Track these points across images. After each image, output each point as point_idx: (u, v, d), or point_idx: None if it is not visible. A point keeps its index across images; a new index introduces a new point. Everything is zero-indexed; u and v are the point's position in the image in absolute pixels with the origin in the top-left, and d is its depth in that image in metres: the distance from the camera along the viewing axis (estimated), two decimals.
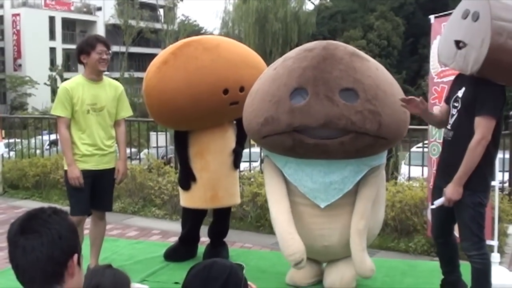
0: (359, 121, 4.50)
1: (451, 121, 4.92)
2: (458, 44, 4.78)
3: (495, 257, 6.21)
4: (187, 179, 6.24)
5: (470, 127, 4.67)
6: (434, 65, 6.73)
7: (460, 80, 4.99)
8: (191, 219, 6.55)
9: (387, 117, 4.58)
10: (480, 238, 4.88)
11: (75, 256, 2.33)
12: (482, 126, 4.60)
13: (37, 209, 2.37)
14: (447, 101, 5.12)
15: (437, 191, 5.05)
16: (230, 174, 6.27)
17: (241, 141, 6.37)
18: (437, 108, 6.43)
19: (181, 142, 6.28)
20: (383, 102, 4.58)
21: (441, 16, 6.80)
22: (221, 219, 6.61)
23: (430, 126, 6.49)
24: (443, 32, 5.35)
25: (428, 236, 6.94)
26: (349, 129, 4.52)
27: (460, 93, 4.87)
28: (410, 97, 4.79)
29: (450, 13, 6.58)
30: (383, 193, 5.36)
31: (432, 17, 6.87)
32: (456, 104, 4.90)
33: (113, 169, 6.08)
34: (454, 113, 4.90)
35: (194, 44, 6.03)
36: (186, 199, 6.36)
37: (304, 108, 4.56)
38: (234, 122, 6.37)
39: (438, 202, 4.79)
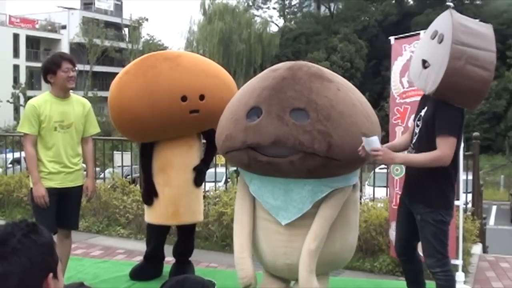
0: (307, 141, 4.49)
1: (414, 139, 5.03)
2: (424, 64, 4.89)
3: (459, 276, 6.29)
4: (149, 194, 6.21)
5: (429, 146, 4.76)
6: (395, 86, 6.83)
7: (424, 99, 5.09)
8: (155, 235, 6.52)
9: (339, 138, 4.53)
10: (444, 255, 4.97)
11: (50, 275, 2.20)
12: (442, 145, 4.68)
13: (6, 232, 2.19)
14: (414, 119, 5.23)
15: (402, 206, 5.26)
16: (193, 191, 6.21)
17: (207, 159, 6.36)
18: (400, 128, 6.53)
19: (146, 156, 6.24)
20: (337, 122, 4.55)
21: (401, 37, 6.92)
22: (185, 237, 6.57)
23: None
24: (415, 51, 5.43)
25: (391, 255, 7.01)
26: (297, 148, 4.53)
27: (423, 113, 4.98)
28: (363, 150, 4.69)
29: (411, 35, 6.75)
30: (355, 218, 5.23)
31: (392, 38, 6.99)
32: (419, 123, 5.01)
33: (80, 187, 6.05)
34: (417, 131, 5.01)
35: (155, 55, 6.11)
36: (149, 215, 6.34)
37: (256, 126, 4.61)
38: (204, 141, 6.40)
39: (372, 139, 4.62)
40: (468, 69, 4.60)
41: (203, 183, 6.66)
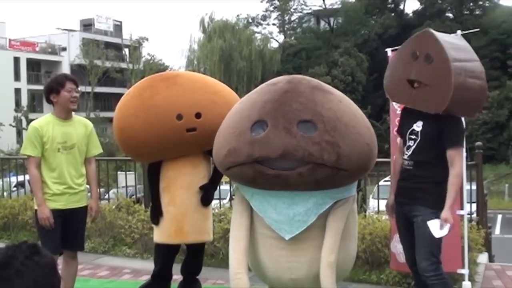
0: (316, 152, 4.52)
1: (409, 152, 5.30)
2: (413, 84, 5.07)
3: (466, 285, 6.29)
4: (155, 213, 6.20)
5: (429, 157, 5.16)
6: None
7: (413, 114, 5.31)
8: (162, 255, 6.47)
9: (346, 148, 4.59)
10: (437, 259, 5.13)
11: None
12: (457, 159, 5.05)
13: (9, 255, 2.21)
14: (401, 132, 5.54)
15: (401, 216, 5.45)
16: (198, 210, 6.13)
17: (215, 179, 6.29)
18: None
19: (153, 176, 6.22)
20: (343, 133, 4.61)
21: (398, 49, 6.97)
22: (194, 256, 6.55)
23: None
24: (390, 72, 5.57)
25: (393, 268, 7.01)
26: (306, 160, 4.55)
27: (416, 127, 5.24)
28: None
29: None
30: (354, 228, 5.31)
31: (389, 50, 7.03)
32: (412, 137, 5.26)
33: (84, 207, 6.07)
34: (411, 144, 5.28)
35: (154, 76, 6.16)
36: (156, 234, 6.31)
37: (263, 139, 4.61)
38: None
39: (435, 225, 5.03)
40: (469, 81, 4.94)
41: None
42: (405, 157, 5.32)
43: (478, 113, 5.59)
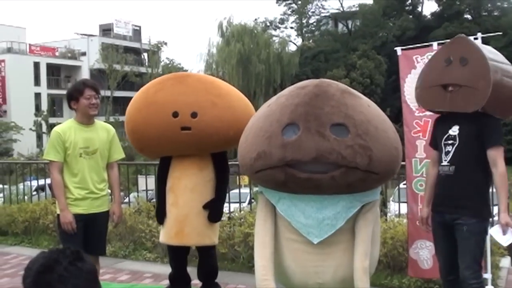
0: (349, 155, 4.52)
1: (448, 157, 5.24)
2: (447, 88, 5.13)
3: None
4: (159, 213, 6.24)
5: (471, 161, 5.13)
6: (412, 99, 6.79)
7: (447, 121, 5.33)
8: (172, 256, 6.49)
9: (378, 152, 4.60)
10: (480, 266, 5.17)
11: None
12: (499, 157, 5.05)
13: (53, 259, 2.21)
14: (434, 144, 5.53)
15: (440, 225, 5.36)
16: (201, 212, 6.04)
17: (220, 192, 6.21)
18: (421, 142, 6.54)
19: (160, 175, 6.27)
20: (374, 137, 4.62)
21: (410, 49, 6.98)
22: (204, 259, 6.47)
23: (413, 161, 6.63)
24: (421, 81, 5.57)
25: (411, 275, 6.97)
26: (339, 163, 4.54)
27: (452, 132, 5.23)
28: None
29: (420, 46, 6.81)
30: (378, 231, 5.31)
31: (398, 49, 7.03)
32: (450, 142, 5.24)
33: (106, 212, 6.09)
34: (449, 149, 5.23)
35: (169, 74, 6.31)
36: (160, 234, 6.35)
37: (295, 142, 4.59)
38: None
39: (497, 232, 5.04)
40: (505, 80, 5.04)
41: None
42: (444, 163, 5.27)
43: None
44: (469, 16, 66.98)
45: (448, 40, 5.63)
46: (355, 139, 4.55)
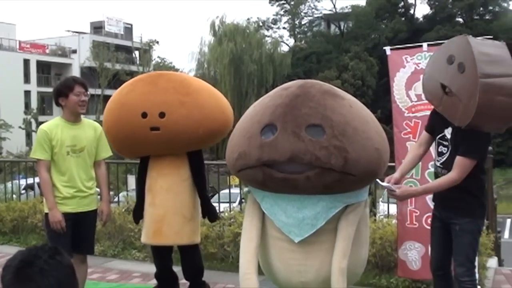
0: (323, 156, 4.53)
1: (442, 159, 5.21)
2: (445, 89, 4.99)
3: None
4: (134, 213, 6.33)
5: None
6: (401, 99, 6.78)
7: (442, 117, 5.18)
8: (155, 255, 6.50)
9: (354, 153, 4.59)
10: (473, 264, 5.19)
11: None
12: (462, 166, 4.93)
13: (32, 254, 2.22)
14: (431, 131, 5.39)
15: (437, 219, 5.39)
16: (178, 212, 6.05)
17: (201, 192, 6.29)
18: (411, 143, 6.50)
19: (139, 175, 6.30)
20: (352, 138, 4.61)
21: (399, 48, 6.94)
22: (186, 258, 6.44)
23: (402, 162, 6.61)
24: (427, 69, 5.43)
25: (400, 276, 6.98)
26: (314, 164, 4.56)
27: (447, 133, 5.16)
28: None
29: (410, 47, 6.74)
30: (366, 233, 5.30)
31: (387, 48, 7.00)
32: (445, 143, 5.18)
33: (94, 211, 6.07)
34: (444, 151, 5.19)
35: (142, 75, 6.34)
36: (142, 235, 6.37)
37: (272, 143, 4.63)
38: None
39: (387, 185, 5.22)
40: (497, 100, 4.71)
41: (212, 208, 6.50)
42: (437, 163, 5.28)
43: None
44: (461, 20, 67.13)
45: (439, 42, 5.52)
46: (331, 140, 4.56)
